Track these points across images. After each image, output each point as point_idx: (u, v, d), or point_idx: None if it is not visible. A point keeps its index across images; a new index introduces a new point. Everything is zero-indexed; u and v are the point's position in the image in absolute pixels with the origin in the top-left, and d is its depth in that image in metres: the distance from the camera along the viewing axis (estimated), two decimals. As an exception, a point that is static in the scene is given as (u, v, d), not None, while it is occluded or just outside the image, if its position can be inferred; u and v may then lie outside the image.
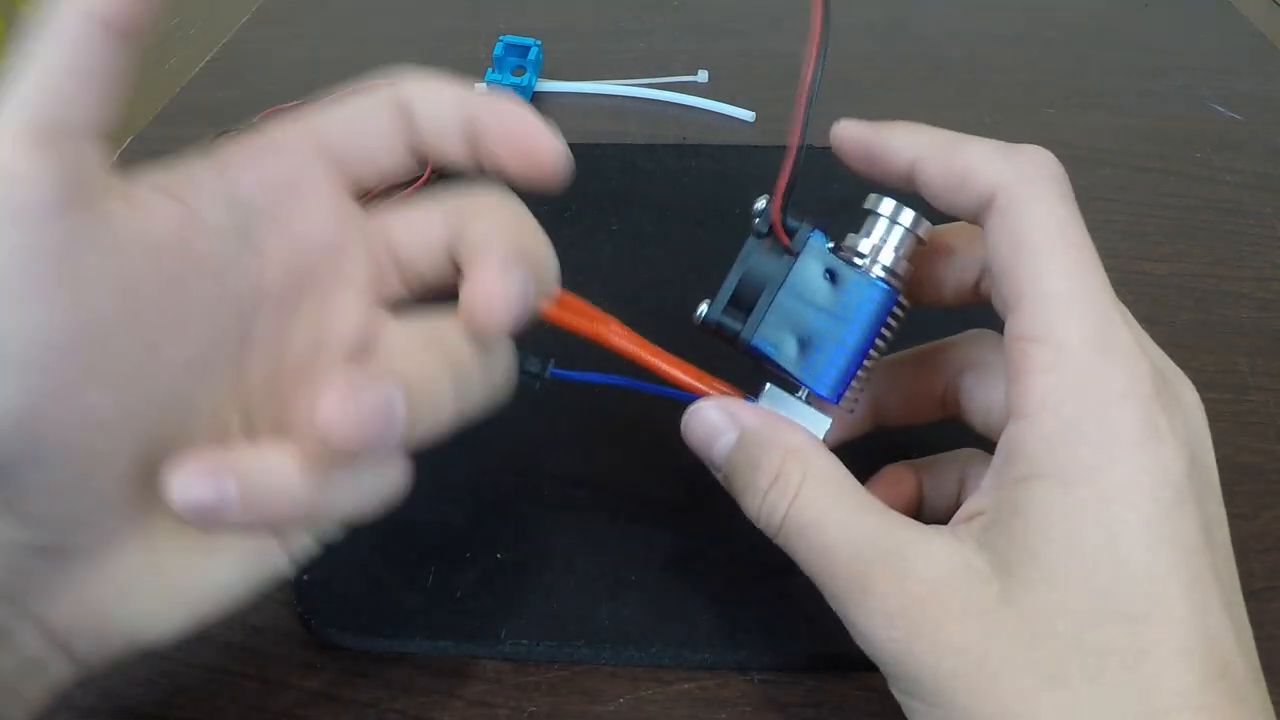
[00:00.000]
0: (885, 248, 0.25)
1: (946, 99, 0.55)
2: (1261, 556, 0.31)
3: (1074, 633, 0.20)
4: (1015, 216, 0.22)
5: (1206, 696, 0.19)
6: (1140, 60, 0.59)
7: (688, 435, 0.25)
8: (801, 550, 0.23)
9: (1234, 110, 0.54)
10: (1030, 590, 0.20)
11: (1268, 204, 0.47)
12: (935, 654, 0.21)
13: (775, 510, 0.23)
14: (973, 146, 0.23)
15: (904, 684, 0.22)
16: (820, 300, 0.24)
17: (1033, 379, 0.21)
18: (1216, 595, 0.20)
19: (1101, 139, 0.51)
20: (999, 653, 0.20)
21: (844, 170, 0.47)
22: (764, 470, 0.23)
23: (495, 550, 0.30)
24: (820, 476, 0.23)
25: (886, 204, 0.25)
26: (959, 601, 0.21)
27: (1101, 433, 0.21)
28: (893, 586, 0.21)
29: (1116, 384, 0.21)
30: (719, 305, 0.25)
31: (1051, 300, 0.21)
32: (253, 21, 0.64)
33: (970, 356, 0.27)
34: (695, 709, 0.27)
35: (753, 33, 0.62)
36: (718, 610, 0.29)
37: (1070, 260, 0.22)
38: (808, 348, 0.24)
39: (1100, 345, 0.21)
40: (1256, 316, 0.40)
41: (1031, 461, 0.21)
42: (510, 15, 0.64)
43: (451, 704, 0.27)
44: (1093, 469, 0.20)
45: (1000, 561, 0.21)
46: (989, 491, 0.22)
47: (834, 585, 0.22)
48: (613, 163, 0.47)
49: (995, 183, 0.22)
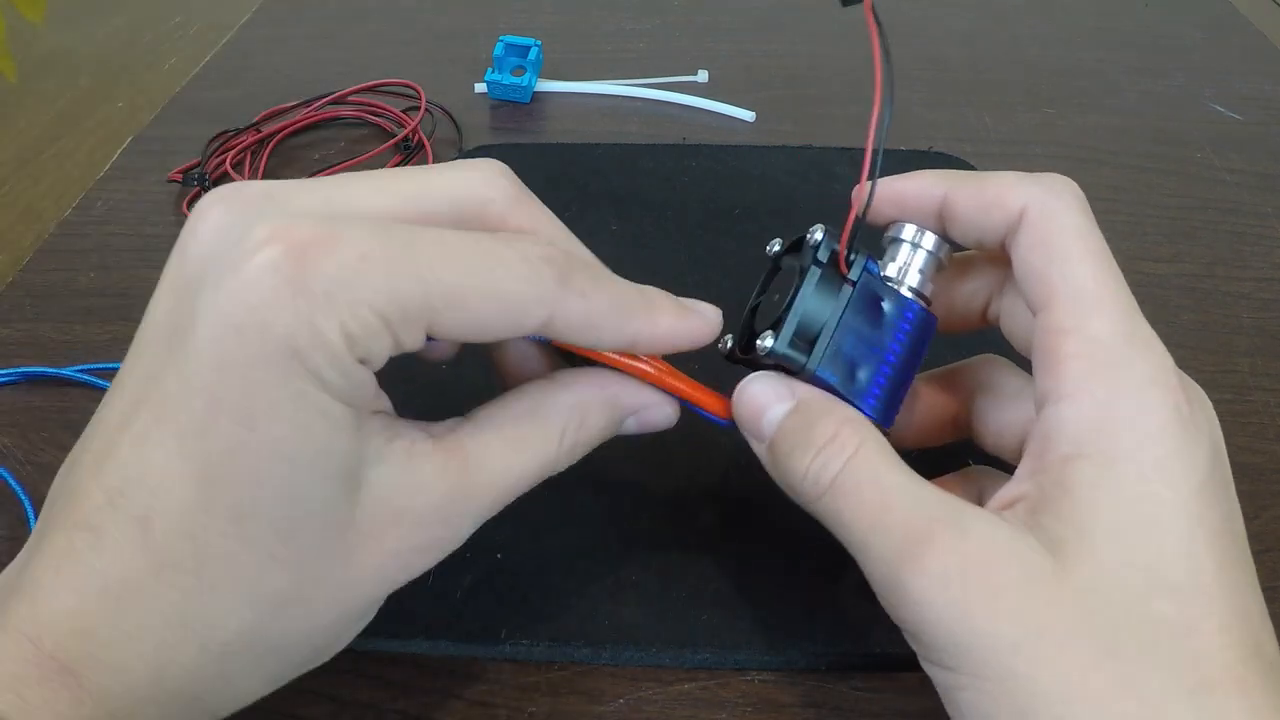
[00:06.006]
0: (911, 270, 0.26)
1: (947, 99, 0.55)
2: (1262, 557, 0.31)
3: (1126, 606, 0.20)
4: (1046, 226, 0.24)
5: (1246, 672, 0.20)
6: (1140, 60, 0.59)
7: (738, 405, 0.25)
8: (852, 507, 0.23)
9: (1234, 110, 0.54)
10: (1083, 564, 0.21)
11: (1268, 204, 0.47)
12: (994, 620, 0.20)
13: (828, 467, 0.23)
14: (1002, 175, 0.25)
15: (951, 655, 0.21)
16: (869, 327, 0.25)
17: (1068, 365, 0.22)
18: (1245, 577, 0.21)
19: (1101, 139, 0.51)
20: (1059, 623, 0.20)
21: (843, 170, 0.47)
22: (820, 431, 0.24)
23: (495, 550, 0.30)
24: (877, 444, 0.23)
25: (909, 229, 0.26)
26: (1019, 570, 0.21)
27: (1135, 415, 0.22)
28: (953, 546, 0.21)
29: (1144, 371, 0.22)
30: (785, 339, 0.24)
31: (1082, 297, 0.23)
32: (253, 21, 0.64)
33: (980, 380, 0.28)
34: (695, 709, 0.27)
35: (753, 33, 0.62)
36: (718, 610, 0.29)
37: (1096, 264, 0.23)
38: (858, 373, 0.25)
39: (1128, 337, 0.22)
40: (1256, 316, 0.40)
41: (1074, 441, 0.22)
42: (510, 15, 0.64)
43: (451, 704, 0.27)
44: (1131, 448, 0.21)
45: (1050, 540, 0.21)
46: (1027, 477, 0.23)
47: (886, 542, 0.22)
48: (613, 163, 0.47)
49: (1026, 200, 0.24)
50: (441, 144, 0.51)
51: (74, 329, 0.39)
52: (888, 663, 0.28)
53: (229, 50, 0.60)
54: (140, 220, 0.46)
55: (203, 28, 0.64)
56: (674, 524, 0.31)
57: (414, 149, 0.49)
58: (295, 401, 0.19)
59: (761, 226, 0.43)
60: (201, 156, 0.48)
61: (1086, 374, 0.22)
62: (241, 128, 0.50)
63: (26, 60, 0.59)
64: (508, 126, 0.53)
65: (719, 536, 0.30)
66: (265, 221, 0.19)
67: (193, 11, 0.66)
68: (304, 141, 0.51)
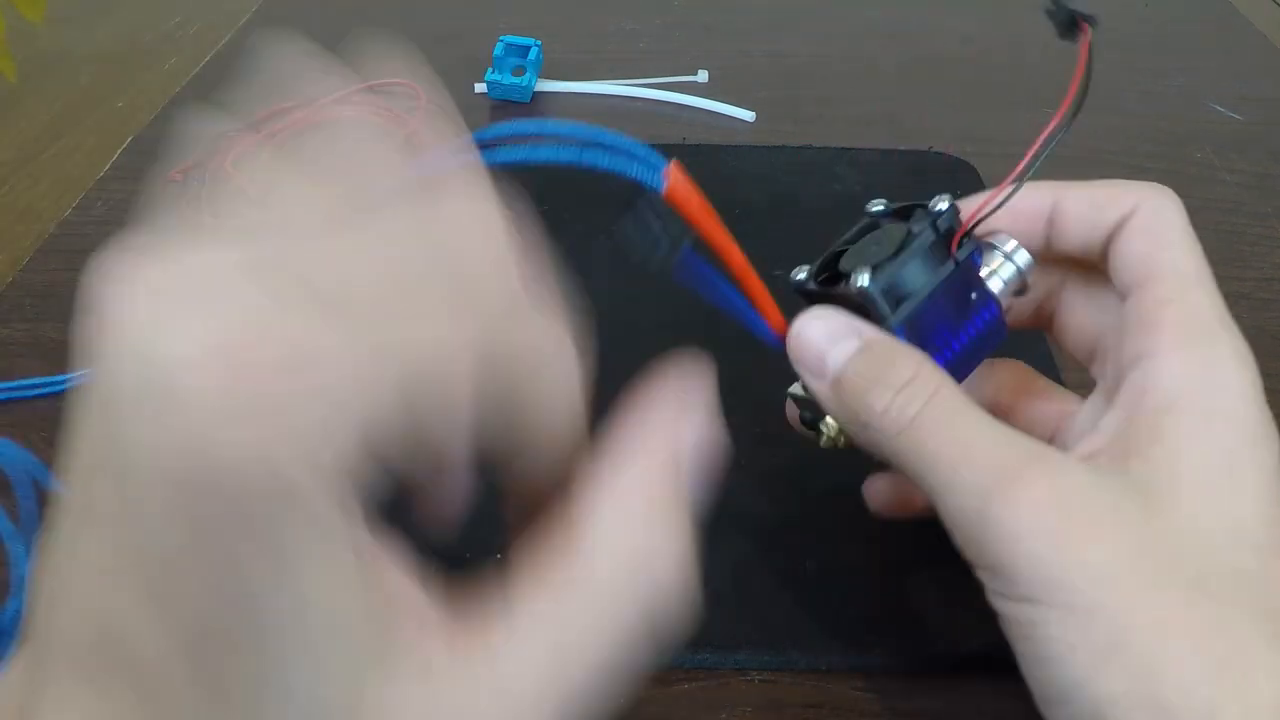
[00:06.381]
0: (997, 278, 0.26)
1: (948, 99, 0.55)
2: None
3: (1213, 554, 0.21)
4: (1157, 219, 0.26)
5: None
6: (1140, 60, 0.59)
7: (798, 339, 0.25)
8: (936, 444, 0.23)
9: (1234, 110, 0.54)
10: (1173, 510, 0.21)
11: (1268, 204, 0.47)
12: (1090, 551, 0.21)
13: (910, 404, 0.23)
14: (1107, 181, 0.27)
15: (1041, 587, 0.21)
16: (952, 310, 0.25)
17: (1170, 328, 0.24)
18: None
19: (1101, 139, 0.51)
20: (1152, 560, 0.21)
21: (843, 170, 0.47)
22: (899, 370, 0.24)
23: (495, 551, 0.30)
24: (955, 387, 0.24)
25: (1009, 242, 0.26)
26: (1111, 506, 0.22)
27: (1231, 380, 0.23)
28: (1045, 479, 0.22)
29: (1237, 346, 0.24)
30: (881, 284, 0.24)
31: (1185, 275, 0.25)
32: (253, 21, 0.64)
33: (1007, 381, 0.29)
34: (695, 709, 0.27)
35: (753, 33, 0.62)
36: (718, 610, 0.29)
37: (1197, 254, 0.25)
38: (925, 348, 0.25)
39: (1219, 314, 0.24)
40: (1256, 316, 0.40)
41: (1169, 394, 0.23)
42: (510, 15, 0.64)
43: (451, 704, 0.27)
44: (1227, 409, 0.23)
45: (1139, 484, 0.22)
46: (1114, 428, 0.24)
47: (973, 478, 0.22)
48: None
49: (1138, 199, 0.26)
50: (441, 144, 0.51)
51: (74, 329, 0.39)
52: (888, 663, 0.28)
53: (229, 50, 0.60)
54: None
55: (203, 28, 0.64)
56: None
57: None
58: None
59: (761, 226, 0.43)
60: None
61: (1188, 337, 0.23)
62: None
63: (26, 60, 0.59)
64: (508, 126, 0.53)
65: (719, 536, 0.30)
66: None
67: (193, 11, 0.66)
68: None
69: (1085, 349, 0.28)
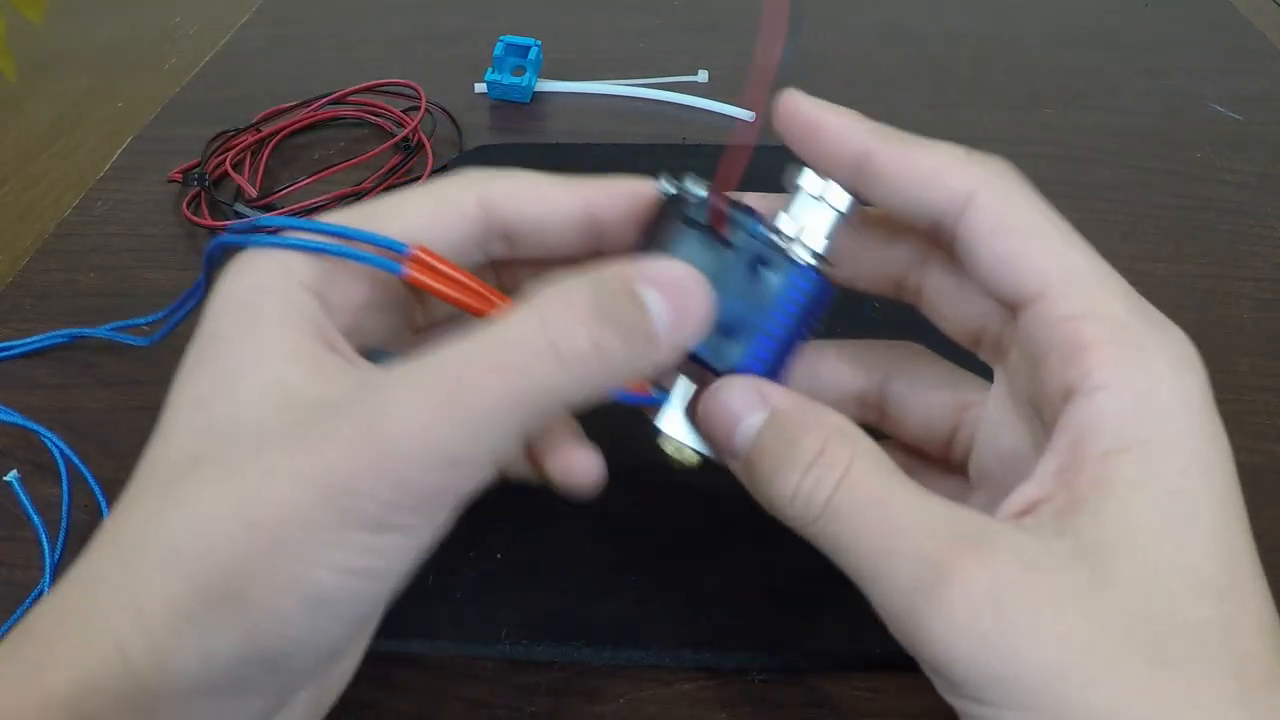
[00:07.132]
0: (810, 229, 0.23)
1: (947, 99, 0.55)
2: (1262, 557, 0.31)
3: (1169, 612, 0.19)
4: (1008, 210, 0.22)
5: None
6: (1140, 60, 0.59)
7: (706, 418, 0.23)
8: (852, 534, 0.20)
9: (1234, 110, 0.54)
10: (1128, 570, 0.19)
11: (1268, 204, 0.47)
12: (1035, 647, 0.18)
13: (818, 489, 0.21)
14: (937, 148, 0.23)
15: (989, 689, 0.19)
16: (750, 291, 0.23)
17: (1096, 351, 0.20)
18: (1259, 568, 0.20)
19: (1101, 139, 0.51)
20: (1106, 640, 0.18)
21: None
22: (804, 447, 0.21)
23: (495, 550, 0.30)
24: (871, 455, 0.21)
25: (813, 180, 0.23)
26: (1055, 586, 0.19)
27: (1173, 400, 0.20)
28: (978, 571, 0.19)
29: (1173, 350, 0.21)
30: None
31: (1085, 279, 0.21)
32: (253, 21, 0.64)
33: (901, 366, 0.26)
34: (695, 709, 0.27)
35: (753, 33, 0.62)
36: (718, 610, 0.29)
37: (1076, 244, 0.22)
38: (733, 347, 0.23)
39: (1143, 316, 0.21)
40: (1256, 316, 0.40)
41: (1116, 434, 0.20)
42: (510, 15, 0.64)
43: (451, 704, 0.27)
44: (1174, 438, 0.20)
45: (1084, 545, 0.19)
46: (1053, 477, 0.20)
47: (898, 574, 0.20)
48: (613, 163, 0.47)
49: (973, 184, 0.22)
50: (441, 144, 0.51)
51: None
52: (888, 662, 0.28)
53: (229, 50, 0.60)
54: (140, 220, 0.46)
55: (202, 28, 0.64)
56: (674, 523, 0.31)
57: (414, 149, 0.49)
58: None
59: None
60: (201, 157, 0.48)
61: (1119, 359, 0.20)
62: (241, 128, 0.50)
63: (26, 60, 0.59)
64: (508, 127, 0.53)
65: (719, 536, 0.30)
66: None
67: (192, 11, 0.66)
68: (304, 141, 0.51)
69: (966, 335, 0.25)
